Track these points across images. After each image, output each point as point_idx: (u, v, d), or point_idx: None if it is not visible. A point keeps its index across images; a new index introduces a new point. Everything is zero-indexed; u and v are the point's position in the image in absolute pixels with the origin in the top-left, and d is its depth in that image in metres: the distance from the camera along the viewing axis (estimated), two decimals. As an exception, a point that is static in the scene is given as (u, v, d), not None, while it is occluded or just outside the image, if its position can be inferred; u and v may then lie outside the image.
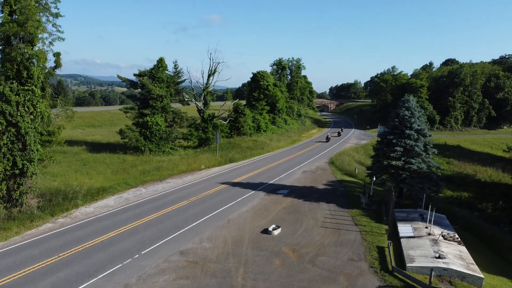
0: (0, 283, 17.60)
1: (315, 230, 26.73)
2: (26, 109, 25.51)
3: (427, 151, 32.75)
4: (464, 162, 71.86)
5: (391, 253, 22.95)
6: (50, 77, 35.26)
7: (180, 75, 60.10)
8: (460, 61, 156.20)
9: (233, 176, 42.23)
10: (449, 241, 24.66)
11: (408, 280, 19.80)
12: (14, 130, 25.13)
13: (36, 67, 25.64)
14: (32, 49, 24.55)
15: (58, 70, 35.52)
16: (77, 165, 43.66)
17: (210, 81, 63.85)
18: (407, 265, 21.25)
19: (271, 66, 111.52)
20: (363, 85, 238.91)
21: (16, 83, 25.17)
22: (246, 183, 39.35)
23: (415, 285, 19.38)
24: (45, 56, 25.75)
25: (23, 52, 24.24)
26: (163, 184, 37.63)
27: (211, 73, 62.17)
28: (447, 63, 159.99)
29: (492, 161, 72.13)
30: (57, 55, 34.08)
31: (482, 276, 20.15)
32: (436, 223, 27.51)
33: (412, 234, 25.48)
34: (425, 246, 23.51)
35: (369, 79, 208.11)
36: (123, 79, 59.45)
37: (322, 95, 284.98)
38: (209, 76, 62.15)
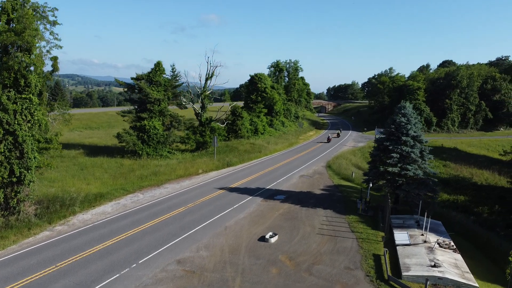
0: (-2, 295, 17.69)
1: (312, 237, 26.88)
2: (23, 117, 25.57)
3: (423, 157, 32.97)
4: (460, 164, 72.25)
5: (387, 261, 23.15)
6: (47, 80, 35.29)
7: (177, 78, 60.17)
8: (457, 62, 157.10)
9: (230, 181, 42.33)
10: (444, 248, 24.86)
11: (404, 290, 19.99)
12: (11, 138, 25.15)
13: (34, 75, 25.68)
14: (29, 58, 24.56)
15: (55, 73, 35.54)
16: (75, 169, 43.67)
17: (208, 84, 63.93)
18: (402, 274, 21.43)
19: (268, 68, 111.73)
20: (360, 86, 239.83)
21: (13, 92, 25.21)
22: (243, 188, 39.47)
23: (410, 294, 19.56)
24: (43, 65, 25.77)
25: (20, 61, 24.25)
26: (160, 190, 37.69)
27: (209, 77, 62.26)
28: (444, 64, 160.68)
29: (489, 164, 72.54)
30: (54, 59, 34.00)
31: (477, 285, 20.37)
32: (432, 229, 27.69)
33: (408, 241, 25.67)
34: (421, 254, 23.70)
35: (366, 80, 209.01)
36: (121, 82, 59.49)
37: (320, 96, 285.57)
38: (206, 79, 62.24)
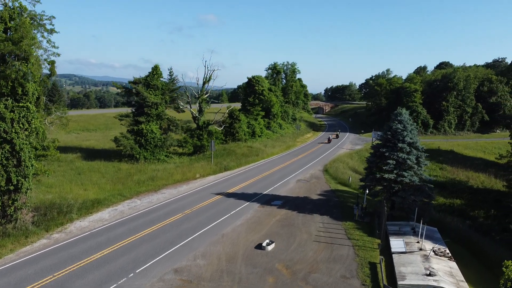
0: (-5, 306, 17.74)
1: (308, 245, 27.03)
2: (20, 125, 25.61)
3: (419, 164, 33.18)
4: (457, 167, 72.63)
5: (383, 269, 23.31)
6: (44, 85, 35.35)
7: (175, 82, 60.24)
8: (454, 64, 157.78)
9: (227, 186, 42.44)
10: (440, 256, 25.05)
11: (399, 299, 20.15)
12: (8, 146, 25.17)
13: (31, 83, 25.74)
14: (27, 67, 24.62)
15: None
16: (72, 174, 43.70)
17: (206, 87, 63.97)
18: (398, 283, 21.59)
19: (266, 71, 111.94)
20: (358, 87, 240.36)
21: (10, 100, 25.27)
22: (241, 193, 39.60)
23: (405, 304, 19.72)
24: (40, 74, 25.83)
25: (18, 70, 24.31)
26: (158, 195, 37.77)
27: (206, 80, 62.34)
28: (441, 66, 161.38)
29: (485, 167, 72.95)
30: (51, 63, 34.12)
31: (471, 295, 20.55)
32: (428, 236, 27.88)
33: (403, 249, 25.85)
34: (416, 262, 23.88)
35: (364, 81, 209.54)
36: (118, 86, 59.54)
37: (317, 96, 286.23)
38: (204, 83, 62.30)
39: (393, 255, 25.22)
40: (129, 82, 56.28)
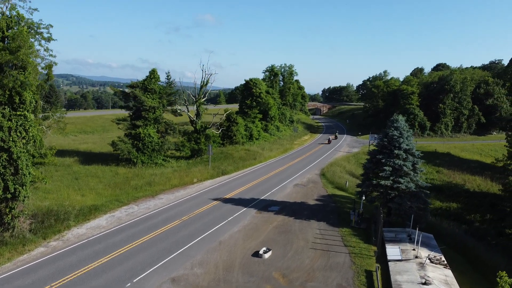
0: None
1: (305, 252, 27.18)
2: (18, 134, 25.64)
3: (415, 170, 33.41)
4: (453, 170, 72.97)
5: (379, 278, 23.50)
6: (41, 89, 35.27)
7: (172, 86, 60.33)
8: (451, 65, 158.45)
9: (225, 191, 42.54)
10: (435, 264, 25.26)
11: (395, 309, 20.32)
12: (6, 155, 25.21)
13: (29, 92, 25.77)
14: (24, 76, 24.63)
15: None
16: (69, 179, 43.68)
17: (203, 91, 64.06)
18: (394, 291, 21.79)
19: (263, 73, 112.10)
20: (355, 88, 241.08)
21: (8, 109, 25.29)
22: (238, 199, 39.72)
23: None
24: (37, 82, 25.86)
25: (15, 79, 24.31)
26: (155, 201, 37.83)
27: (204, 84, 62.46)
28: (437, 68, 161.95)
29: (481, 169, 73.35)
30: (48, 67, 33.97)
31: (466, 304, 20.75)
32: (424, 243, 28.09)
33: (399, 257, 26.05)
34: (412, 270, 24.08)
35: (361, 82, 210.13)
36: (116, 90, 59.56)
37: (315, 97, 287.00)
38: (201, 87, 62.40)
39: (389, 263, 25.41)
40: (127, 85, 56.34)
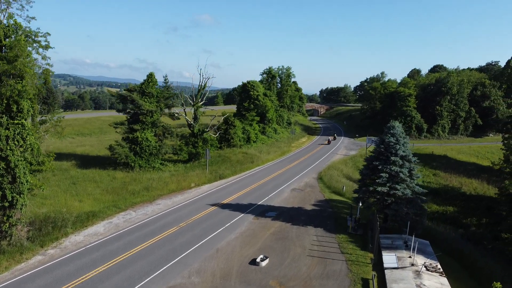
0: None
1: (302, 259, 27.31)
2: (16, 142, 25.67)
3: (411, 177, 33.60)
4: (450, 173, 73.38)
5: (375, 286, 23.64)
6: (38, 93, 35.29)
7: (170, 89, 60.40)
8: (448, 66, 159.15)
9: (222, 196, 42.64)
10: (431, 272, 25.43)
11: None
12: (3, 163, 25.22)
13: (26, 100, 25.80)
14: (22, 85, 24.67)
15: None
16: (67, 184, 43.70)
17: (201, 94, 64.10)
18: (390, 300, 21.95)
19: (261, 75, 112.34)
20: (352, 89, 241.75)
21: (5, 117, 25.32)
22: (235, 204, 39.81)
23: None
24: (35, 91, 25.89)
25: (13, 88, 24.35)
26: (153, 207, 37.89)
27: (201, 88, 62.55)
28: (434, 69, 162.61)
29: (478, 172, 73.79)
30: (46, 71, 34.01)
31: (461, 313, 20.92)
32: (420, 250, 28.27)
33: (396, 264, 26.20)
34: (408, 278, 24.25)
35: (359, 83, 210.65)
36: (113, 93, 59.59)
37: (313, 98, 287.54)
38: (199, 91, 62.47)
39: (385, 270, 25.56)
40: (124, 89, 56.39)
